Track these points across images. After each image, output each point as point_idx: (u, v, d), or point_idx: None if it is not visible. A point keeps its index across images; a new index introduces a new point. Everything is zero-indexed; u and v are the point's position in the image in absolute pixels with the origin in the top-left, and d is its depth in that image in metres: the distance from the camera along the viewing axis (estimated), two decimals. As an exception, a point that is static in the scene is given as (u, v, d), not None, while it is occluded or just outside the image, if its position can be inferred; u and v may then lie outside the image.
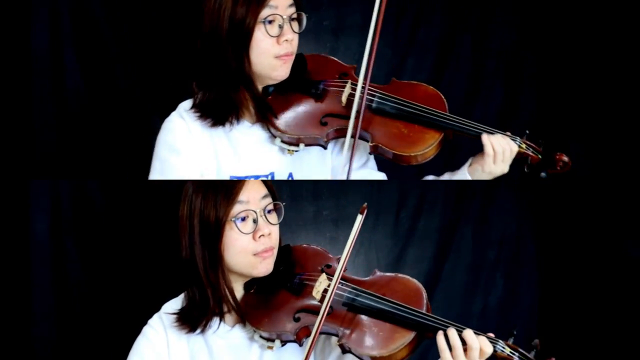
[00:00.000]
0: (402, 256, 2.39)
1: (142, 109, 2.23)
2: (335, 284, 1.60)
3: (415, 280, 1.67)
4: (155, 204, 2.19)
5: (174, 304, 1.74)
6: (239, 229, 1.63)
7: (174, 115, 1.82)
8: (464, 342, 1.55)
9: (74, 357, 2.23)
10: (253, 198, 1.65)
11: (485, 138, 1.77)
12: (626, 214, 2.27)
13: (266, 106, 1.80)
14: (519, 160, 1.79)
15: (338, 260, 1.74)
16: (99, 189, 2.21)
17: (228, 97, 1.78)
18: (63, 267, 2.21)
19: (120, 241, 2.22)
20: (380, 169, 1.94)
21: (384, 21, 1.78)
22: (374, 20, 1.75)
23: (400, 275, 1.69)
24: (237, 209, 1.63)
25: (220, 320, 1.71)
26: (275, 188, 1.72)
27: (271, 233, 1.66)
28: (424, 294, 1.64)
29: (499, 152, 1.76)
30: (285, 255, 1.74)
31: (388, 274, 1.70)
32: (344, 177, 1.83)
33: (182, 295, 1.74)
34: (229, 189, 1.63)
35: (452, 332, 1.56)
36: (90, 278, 2.22)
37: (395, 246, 2.39)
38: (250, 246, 1.64)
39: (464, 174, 1.82)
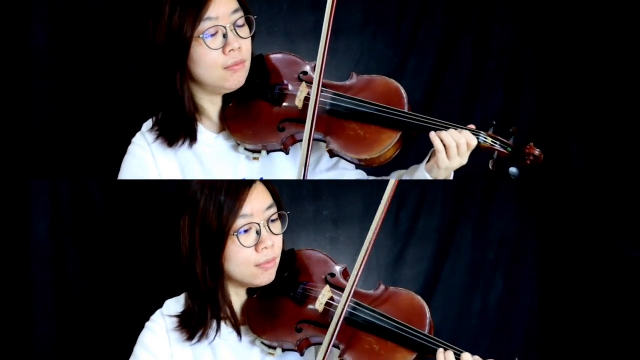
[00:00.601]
0: (401, 256, 2.39)
1: (142, 109, 2.22)
2: (343, 310, 1.59)
3: (419, 298, 1.66)
4: (155, 204, 2.19)
5: (176, 303, 1.74)
6: (241, 243, 1.61)
7: (138, 138, 1.80)
8: None
9: (74, 357, 2.23)
10: (257, 210, 1.63)
11: (433, 135, 1.69)
12: (626, 214, 2.27)
13: (193, 131, 1.77)
14: (485, 155, 1.73)
15: (343, 269, 1.74)
16: (99, 189, 2.21)
17: (171, 116, 1.76)
18: (63, 267, 2.21)
19: (120, 241, 2.21)
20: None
21: (384, 22, 1.77)
22: (326, 22, 1.69)
23: (404, 291, 1.68)
24: (240, 222, 1.61)
25: (219, 327, 1.70)
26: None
27: (274, 244, 1.65)
28: (428, 314, 1.63)
29: (451, 147, 1.68)
30: (290, 261, 1.73)
31: (392, 288, 1.69)
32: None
33: (184, 295, 1.74)
34: (234, 200, 1.61)
35: (449, 355, 1.57)
36: (90, 278, 2.22)
37: (395, 246, 2.39)
38: (252, 258, 1.63)
39: (422, 172, 1.77)
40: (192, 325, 1.68)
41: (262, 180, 1.68)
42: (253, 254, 1.63)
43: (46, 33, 2.19)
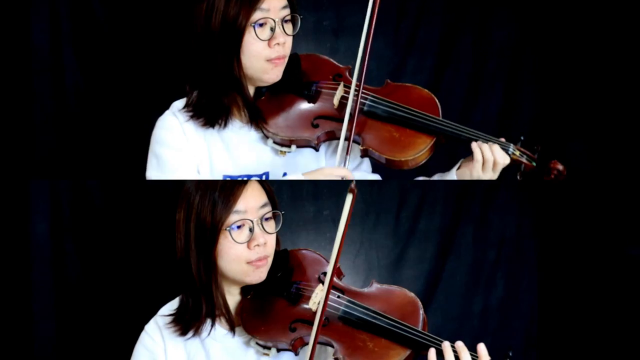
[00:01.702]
0: (402, 256, 2.39)
1: (141, 109, 2.23)
2: (326, 298, 1.59)
3: (412, 295, 1.66)
4: (154, 204, 2.19)
5: (170, 307, 1.74)
6: (233, 238, 1.61)
7: (167, 114, 1.82)
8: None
9: (74, 357, 2.23)
10: (251, 207, 1.63)
11: (475, 145, 1.75)
12: (626, 214, 2.27)
13: (257, 110, 1.80)
14: (512, 166, 1.77)
15: (337, 268, 1.73)
16: (99, 189, 2.21)
17: (219, 99, 1.78)
18: (63, 267, 2.21)
19: (120, 241, 2.22)
20: (374, 170, 1.94)
21: (384, 22, 1.77)
22: (367, 23, 1.74)
23: (397, 288, 1.68)
24: (233, 218, 1.61)
25: (213, 324, 1.70)
26: (275, 188, 1.71)
27: (266, 242, 1.65)
28: (421, 310, 1.63)
29: (488, 160, 1.74)
30: (283, 261, 1.73)
31: (385, 286, 1.69)
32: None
33: (177, 298, 1.74)
34: (227, 196, 1.61)
35: (446, 347, 1.57)
36: (90, 278, 2.22)
37: (395, 246, 2.39)
38: (244, 254, 1.63)
39: (452, 176, 1.81)
40: (186, 320, 1.68)
41: (258, 180, 1.69)
42: (245, 250, 1.63)
43: (46, 33, 2.19)
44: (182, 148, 1.79)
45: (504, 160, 1.75)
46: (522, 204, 2.44)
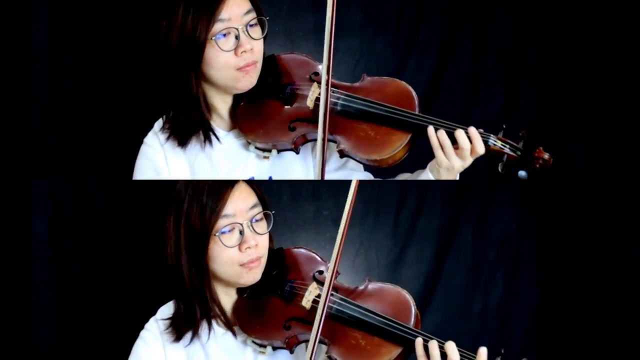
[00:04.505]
0: (401, 256, 2.39)
1: (142, 109, 2.23)
2: (324, 306, 1.59)
3: (404, 292, 1.67)
4: (154, 204, 2.19)
5: (168, 309, 1.74)
6: (223, 242, 1.61)
7: (150, 138, 1.81)
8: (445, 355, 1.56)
9: (74, 357, 2.23)
10: (240, 210, 1.63)
11: (430, 130, 1.69)
12: (627, 214, 2.27)
13: (210, 130, 1.78)
14: (494, 158, 1.73)
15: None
16: (99, 189, 2.21)
17: (181, 116, 1.76)
18: (63, 267, 2.21)
19: (120, 241, 2.22)
20: (365, 169, 1.92)
21: (384, 22, 1.77)
22: (329, 20, 1.71)
23: (390, 286, 1.68)
24: (222, 222, 1.61)
25: (210, 326, 1.70)
26: (275, 188, 1.71)
27: (258, 244, 1.65)
28: (413, 307, 1.64)
29: (445, 145, 1.68)
30: (278, 259, 1.74)
31: (379, 284, 1.69)
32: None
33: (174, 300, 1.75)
34: (215, 200, 1.61)
35: (433, 345, 1.57)
36: (90, 278, 2.22)
37: (395, 246, 2.39)
38: (236, 257, 1.63)
39: (426, 173, 1.77)
40: (178, 326, 1.68)
41: (246, 181, 1.69)
42: (236, 253, 1.63)
43: (46, 33, 2.19)
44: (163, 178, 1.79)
45: (470, 146, 1.68)
46: (522, 204, 2.44)
